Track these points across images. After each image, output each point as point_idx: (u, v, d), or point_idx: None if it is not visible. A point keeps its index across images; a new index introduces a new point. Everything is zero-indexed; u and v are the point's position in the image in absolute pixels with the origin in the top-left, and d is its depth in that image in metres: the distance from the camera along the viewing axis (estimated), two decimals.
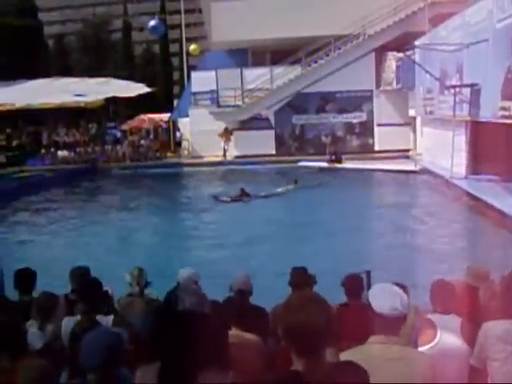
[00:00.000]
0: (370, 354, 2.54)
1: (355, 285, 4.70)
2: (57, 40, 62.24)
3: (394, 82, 27.27)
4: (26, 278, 5.03)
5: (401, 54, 24.93)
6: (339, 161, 25.68)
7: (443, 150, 19.52)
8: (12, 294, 5.04)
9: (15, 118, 35.64)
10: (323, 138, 29.37)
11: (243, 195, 18.00)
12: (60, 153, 31.03)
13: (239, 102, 29.48)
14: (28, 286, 4.96)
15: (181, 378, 1.90)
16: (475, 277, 4.23)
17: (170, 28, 59.91)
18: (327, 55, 28.66)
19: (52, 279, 6.09)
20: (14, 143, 33.18)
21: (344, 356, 2.59)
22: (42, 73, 38.85)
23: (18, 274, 5.04)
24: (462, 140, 18.35)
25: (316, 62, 28.92)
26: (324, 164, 25.62)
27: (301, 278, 4.78)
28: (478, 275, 4.23)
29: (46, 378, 2.68)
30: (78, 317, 4.14)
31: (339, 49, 28.46)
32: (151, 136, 34.65)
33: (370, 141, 29.43)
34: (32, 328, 4.15)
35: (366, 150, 28.76)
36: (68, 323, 4.14)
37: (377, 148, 28.89)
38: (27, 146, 33.04)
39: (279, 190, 19.30)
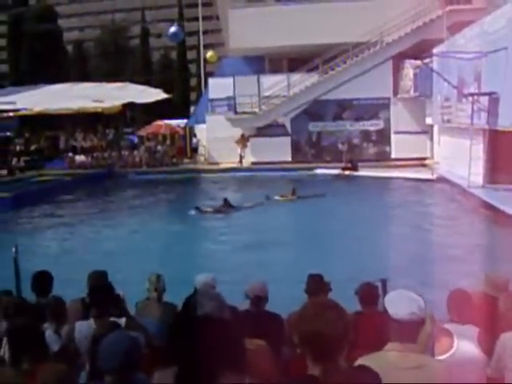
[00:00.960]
0: (386, 361, 2.52)
1: (369, 293, 4.66)
2: (76, 46, 63.06)
3: (412, 90, 27.12)
4: (43, 280, 5.09)
5: (418, 62, 24.79)
6: (355, 168, 25.60)
7: (460, 159, 19.36)
8: (29, 296, 5.10)
9: (34, 123, 36.06)
10: (340, 146, 29.24)
11: (226, 206, 17.31)
12: (77, 157, 31.29)
13: (256, 109, 29.49)
14: (45, 289, 5.02)
15: (198, 383, 1.90)
16: (493, 286, 4.18)
17: (188, 35, 60.23)
18: (344, 62, 28.59)
19: (67, 282, 6.13)
20: (33, 147, 33.52)
21: (359, 363, 2.57)
22: (61, 78, 39.23)
23: (35, 276, 5.10)
24: (479, 149, 18.18)
25: (333, 69, 28.86)
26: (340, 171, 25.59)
27: (316, 285, 4.77)
28: (497, 285, 4.18)
29: (65, 382, 2.70)
30: (91, 320, 4.17)
31: (356, 56, 28.40)
32: (168, 142, 34.74)
33: (387, 149, 29.28)
34: (48, 331, 4.18)
35: (383, 158, 28.61)
36: (81, 327, 4.18)
37: (393, 156, 28.73)
38: (45, 151, 33.36)
39: (276, 198, 18.77)
